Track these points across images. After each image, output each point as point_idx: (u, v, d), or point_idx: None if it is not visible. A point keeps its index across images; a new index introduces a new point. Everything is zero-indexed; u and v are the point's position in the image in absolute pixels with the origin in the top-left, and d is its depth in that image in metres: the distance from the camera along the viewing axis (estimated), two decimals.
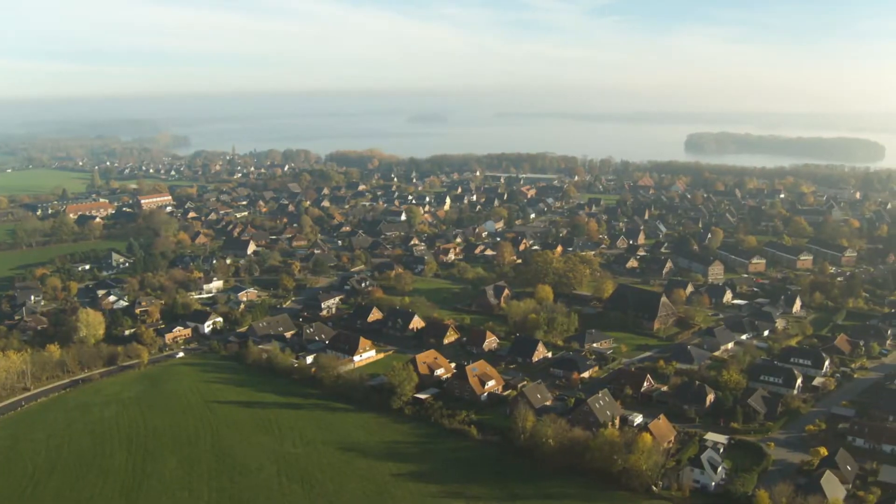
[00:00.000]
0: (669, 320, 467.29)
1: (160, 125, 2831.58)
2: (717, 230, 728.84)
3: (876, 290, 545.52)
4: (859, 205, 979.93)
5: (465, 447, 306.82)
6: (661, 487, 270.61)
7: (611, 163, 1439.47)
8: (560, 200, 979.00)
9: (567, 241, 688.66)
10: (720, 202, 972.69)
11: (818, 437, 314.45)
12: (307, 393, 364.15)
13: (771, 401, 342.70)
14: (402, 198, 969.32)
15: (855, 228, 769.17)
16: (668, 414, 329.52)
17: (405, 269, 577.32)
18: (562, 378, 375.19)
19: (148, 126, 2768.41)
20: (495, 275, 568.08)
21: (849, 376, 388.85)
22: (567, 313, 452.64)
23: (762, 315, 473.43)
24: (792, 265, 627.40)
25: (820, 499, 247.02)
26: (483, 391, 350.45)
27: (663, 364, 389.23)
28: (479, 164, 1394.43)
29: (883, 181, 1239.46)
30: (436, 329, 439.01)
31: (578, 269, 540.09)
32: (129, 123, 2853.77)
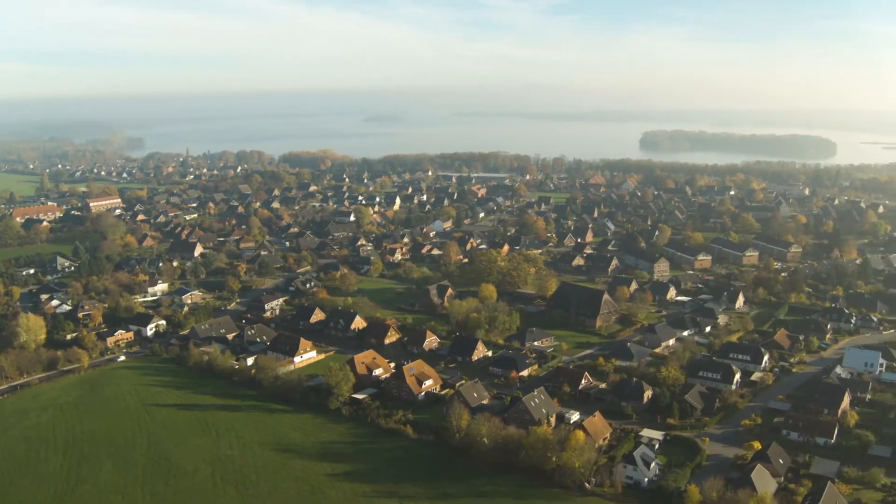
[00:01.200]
0: (612, 318, 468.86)
1: (115, 127, 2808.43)
2: (664, 227, 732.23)
3: (819, 285, 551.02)
4: (808, 201, 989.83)
5: (400, 447, 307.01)
6: (594, 484, 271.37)
7: (563, 161, 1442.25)
8: (510, 199, 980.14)
9: (514, 239, 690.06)
10: (670, 199, 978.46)
11: (753, 431, 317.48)
12: (246, 395, 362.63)
13: (708, 396, 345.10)
14: (353, 198, 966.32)
15: (802, 224, 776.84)
16: (607, 411, 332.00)
17: (351, 269, 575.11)
18: (501, 377, 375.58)
19: (103, 128, 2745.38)
20: (441, 274, 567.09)
21: (787, 371, 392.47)
22: (509, 312, 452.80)
23: (704, 311, 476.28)
24: (738, 261, 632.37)
25: (750, 492, 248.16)
26: (420, 391, 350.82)
27: (603, 361, 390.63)
28: (432, 163, 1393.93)
29: (832, 177, 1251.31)
30: (377, 329, 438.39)
31: (522, 267, 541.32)
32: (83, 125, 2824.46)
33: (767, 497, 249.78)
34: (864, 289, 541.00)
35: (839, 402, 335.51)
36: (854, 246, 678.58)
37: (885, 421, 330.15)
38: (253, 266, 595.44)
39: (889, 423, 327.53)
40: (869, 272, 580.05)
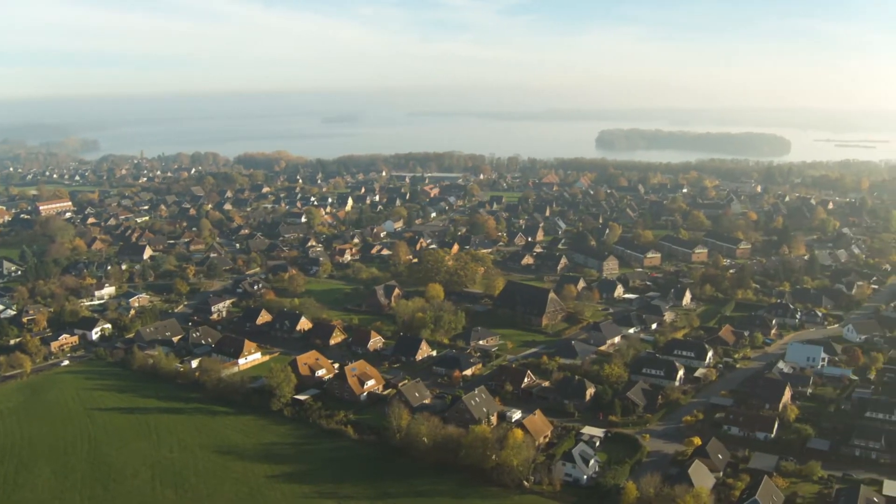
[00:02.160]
0: (558, 316, 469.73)
1: (70, 129, 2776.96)
2: (614, 226, 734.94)
3: (767, 281, 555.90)
4: (759, 198, 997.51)
5: (341, 447, 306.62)
6: (532, 482, 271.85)
7: (518, 161, 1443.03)
8: (462, 199, 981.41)
9: (464, 239, 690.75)
10: (623, 198, 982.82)
11: (695, 427, 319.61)
12: (190, 397, 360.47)
13: (651, 393, 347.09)
14: (305, 199, 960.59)
15: (752, 221, 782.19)
16: (549, 409, 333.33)
17: (300, 270, 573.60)
18: (444, 376, 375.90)
19: (57, 130, 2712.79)
20: (390, 275, 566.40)
21: (731, 366, 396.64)
22: (455, 311, 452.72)
23: (651, 309, 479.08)
24: (687, 258, 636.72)
25: (687, 488, 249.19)
26: (362, 391, 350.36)
27: (547, 360, 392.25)
28: (386, 164, 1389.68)
29: (784, 174, 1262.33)
30: (322, 330, 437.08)
31: (470, 267, 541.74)
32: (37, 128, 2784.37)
33: (704, 492, 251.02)
34: (811, 284, 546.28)
35: (780, 396, 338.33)
36: (802, 242, 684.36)
37: (824, 414, 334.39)
38: (202, 268, 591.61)
39: (829, 416, 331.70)
40: (816, 268, 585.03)
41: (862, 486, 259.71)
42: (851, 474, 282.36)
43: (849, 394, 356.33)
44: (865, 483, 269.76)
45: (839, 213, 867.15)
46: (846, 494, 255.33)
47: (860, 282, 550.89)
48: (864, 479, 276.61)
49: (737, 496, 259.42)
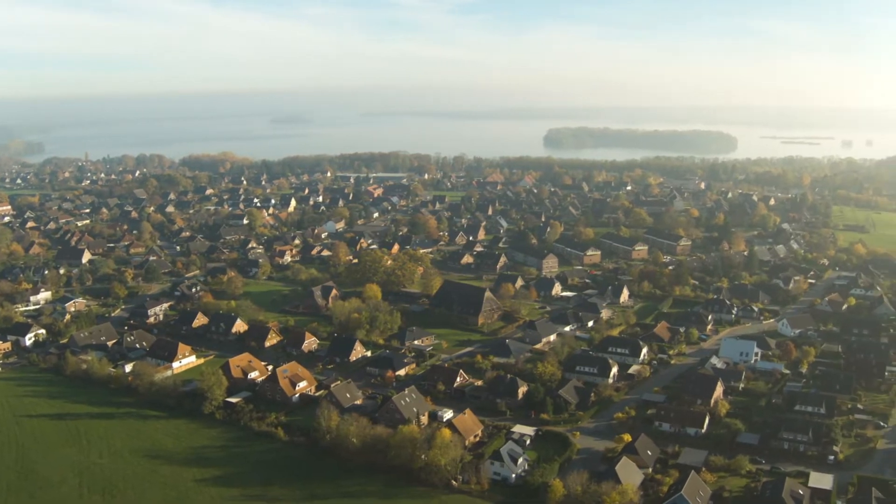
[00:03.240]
0: (494, 315, 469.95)
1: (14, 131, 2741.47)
2: (556, 224, 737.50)
3: (705, 278, 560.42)
4: (702, 195, 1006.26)
5: (271, 449, 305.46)
6: (460, 482, 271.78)
7: (464, 160, 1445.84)
8: (405, 199, 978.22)
9: (405, 239, 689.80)
10: (566, 196, 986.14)
11: (626, 424, 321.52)
12: (122, 402, 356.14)
13: (584, 391, 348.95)
14: (249, 201, 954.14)
15: (694, 218, 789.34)
16: (482, 408, 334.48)
17: (239, 272, 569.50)
18: (377, 376, 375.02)
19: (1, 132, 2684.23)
20: (329, 275, 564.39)
21: (666, 363, 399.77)
22: (390, 311, 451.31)
23: (588, 306, 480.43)
24: (627, 256, 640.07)
25: (613, 485, 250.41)
26: (294, 392, 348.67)
27: (481, 359, 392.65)
28: (332, 164, 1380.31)
29: (728, 171, 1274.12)
30: (257, 332, 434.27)
31: (408, 267, 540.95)
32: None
33: (631, 489, 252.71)
34: (749, 280, 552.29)
35: (711, 392, 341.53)
36: (742, 238, 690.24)
37: (755, 409, 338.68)
38: (140, 271, 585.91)
39: (759, 410, 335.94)
40: (754, 263, 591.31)
41: (787, 478, 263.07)
42: (779, 467, 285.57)
43: (780, 388, 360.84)
44: (792, 475, 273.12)
45: (780, 209, 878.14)
46: (772, 487, 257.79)
47: (797, 277, 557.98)
48: (791, 471, 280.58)
49: (664, 492, 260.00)
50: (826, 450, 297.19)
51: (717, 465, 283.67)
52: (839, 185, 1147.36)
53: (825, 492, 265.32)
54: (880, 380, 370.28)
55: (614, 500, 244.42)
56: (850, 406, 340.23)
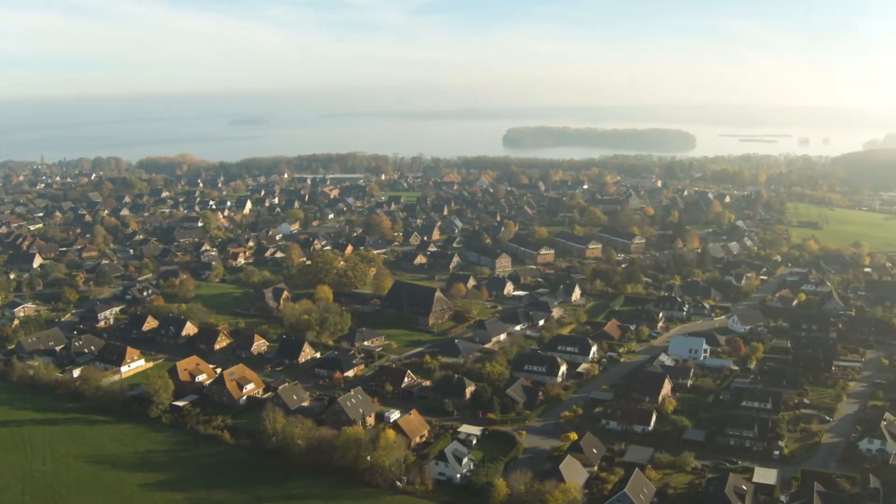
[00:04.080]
0: (445, 315, 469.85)
1: None
2: (510, 223, 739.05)
3: (658, 275, 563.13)
4: (658, 193, 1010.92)
5: (217, 452, 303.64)
6: (405, 482, 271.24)
7: (422, 160, 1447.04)
8: (361, 200, 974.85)
9: (359, 240, 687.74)
10: (522, 195, 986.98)
11: (573, 422, 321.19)
12: (68, 407, 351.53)
13: (532, 390, 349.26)
14: (204, 203, 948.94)
15: (648, 216, 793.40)
16: (430, 408, 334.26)
17: (192, 275, 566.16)
18: (326, 378, 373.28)
19: None
20: (282, 277, 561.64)
21: (615, 361, 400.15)
22: (341, 312, 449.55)
23: (539, 305, 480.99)
24: (581, 254, 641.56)
25: (556, 483, 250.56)
26: (241, 395, 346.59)
27: (430, 359, 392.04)
28: (290, 165, 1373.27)
29: (685, 169, 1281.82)
30: (207, 335, 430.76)
31: (360, 267, 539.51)
32: None
33: (574, 487, 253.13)
34: (702, 277, 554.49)
35: (659, 389, 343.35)
36: (696, 235, 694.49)
37: (702, 406, 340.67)
38: (92, 276, 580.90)
39: (706, 407, 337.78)
40: (707, 260, 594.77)
41: (731, 474, 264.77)
42: (725, 463, 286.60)
43: (728, 384, 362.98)
44: (738, 471, 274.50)
45: (736, 207, 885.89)
46: (715, 484, 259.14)
47: (750, 273, 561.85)
48: (737, 467, 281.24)
49: (609, 490, 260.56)
50: (771, 445, 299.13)
51: (663, 463, 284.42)
52: (794, 182, 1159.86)
53: (769, 487, 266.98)
54: (827, 374, 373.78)
55: (557, 498, 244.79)
56: (796, 401, 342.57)
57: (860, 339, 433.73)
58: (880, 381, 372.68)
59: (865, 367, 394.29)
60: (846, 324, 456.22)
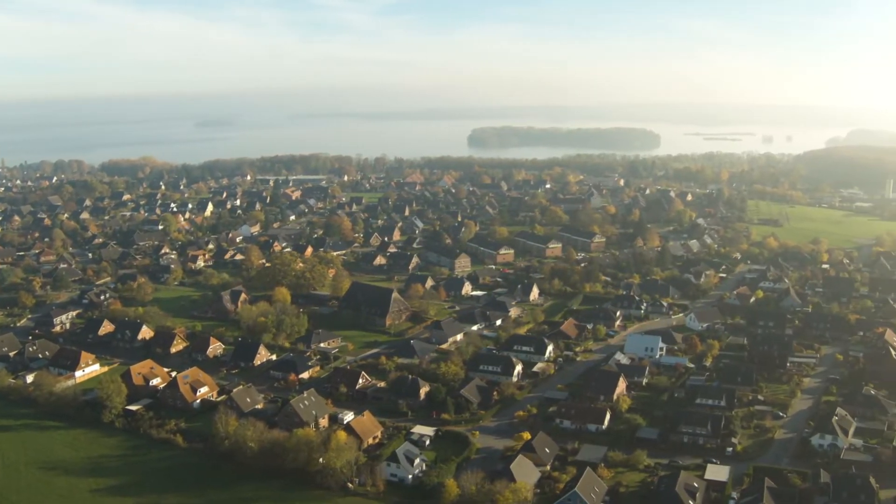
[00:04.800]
0: (402, 316, 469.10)
1: None
2: (470, 223, 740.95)
3: (618, 274, 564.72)
4: (620, 191, 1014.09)
5: (170, 456, 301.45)
6: (357, 484, 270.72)
7: (385, 161, 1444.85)
8: (323, 201, 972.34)
9: (319, 241, 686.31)
10: (484, 195, 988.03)
11: (527, 422, 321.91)
12: (20, 413, 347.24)
13: (486, 390, 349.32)
14: (165, 206, 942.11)
15: (609, 215, 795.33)
16: (384, 409, 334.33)
17: (151, 278, 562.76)
18: (281, 380, 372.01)
19: None
20: (242, 279, 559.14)
21: (572, 360, 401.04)
22: (297, 314, 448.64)
23: (497, 305, 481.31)
24: (541, 254, 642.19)
25: (507, 483, 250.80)
26: (195, 398, 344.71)
27: (385, 360, 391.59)
28: (253, 167, 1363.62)
29: (648, 168, 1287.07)
30: (163, 338, 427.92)
31: (318, 269, 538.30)
32: None
33: (525, 487, 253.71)
34: (660, 275, 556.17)
35: (614, 388, 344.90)
36: (656, 234, 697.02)
37: (657, 404, 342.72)
38: (50, 280, 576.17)
39: (661, 405, 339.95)
40: (667, 259, 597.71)
41: (682, 472, 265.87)
42: (678, 461, 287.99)
43: (683, 382, 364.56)
44: (690, 468, 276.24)
45: (697, 205, 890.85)
46: (666, 482, 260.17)
47: (709, 271, 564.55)
48: (689, 464, 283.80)
49: (561, 489, 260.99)
50: (725, 442, 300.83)
51: (616, 461, 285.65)
52: (756, 180, 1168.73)
53: (721, 483, 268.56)
54: (782, 371, 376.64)
55: (507, 498, 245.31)
56: (750, 398, 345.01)
57: (816, 336, 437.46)
58: (834, 377, 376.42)
59: (820, 363, 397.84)
60: (802, 320, 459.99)
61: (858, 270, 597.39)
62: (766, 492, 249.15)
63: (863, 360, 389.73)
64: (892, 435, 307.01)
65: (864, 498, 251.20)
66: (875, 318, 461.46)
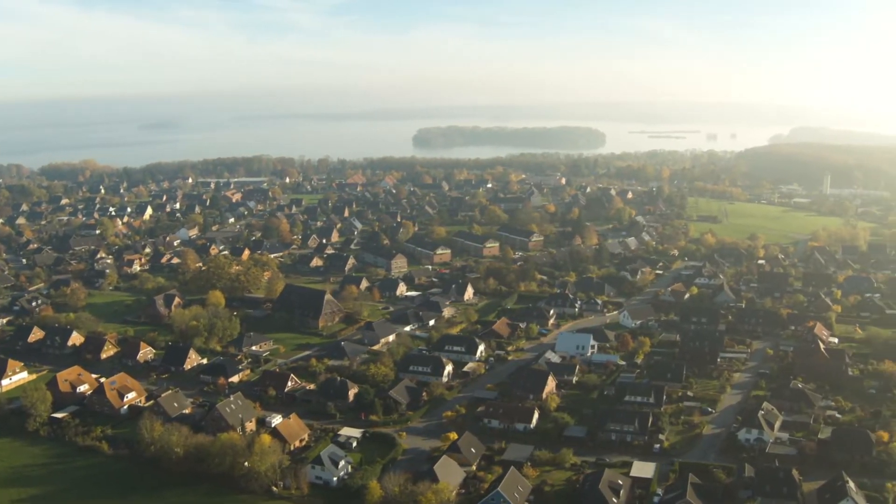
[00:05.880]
0: (335, 317, 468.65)
1: None
2: (408, 224, 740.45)
3: (554, 272, 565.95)
4: (561, 190, 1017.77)
5: (95, 464, 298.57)
6: (282, 487, 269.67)
7: (328, 162, 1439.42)
8: (263, 203, 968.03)
9: (257, 243, 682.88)
10: (425, 195, 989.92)
11: (456, 422, 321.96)
12: None
13: (416, 390, 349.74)
14: (104, 210, 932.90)
15: (549, 213, 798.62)
16: (313, 412, 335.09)
17: (85, 283, 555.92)
18: (210, 384, 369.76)
19: None
20: (178, 283, 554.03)
21: (503, 359, 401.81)
22: (230, 317, 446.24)
23: (431, 305, 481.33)
24: (479, 253, 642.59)
25: (429, 484, 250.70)
26: (122, 404, 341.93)
27: (315, 362, 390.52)
28: (195, 170, 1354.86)
29: (590, 166, 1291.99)
30: (93, 344, 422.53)
31: (253, 272, 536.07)
32: None
33: (448, 488, 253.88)
34: (597, 273, 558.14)
35: (543, 387, 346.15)
36: (595, 232, 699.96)
37: (586, 402, 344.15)
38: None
39: (590, 403, 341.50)
40: (604, 257, 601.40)
41: (606, 469, 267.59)
42: (605, 458, 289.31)
43: (614, 379, 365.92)
44: (616, 466, 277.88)
45: (638, 203, 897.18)
46: (591, 480, 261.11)
47: (645, 268, 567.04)
48: (616, 462, 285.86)
49: (485, 488, 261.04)
50: (652, 439, 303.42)
51: (543, 460, 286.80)
52: (697, 177, 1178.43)
53: (646, 480, 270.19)
54: (713, 366, 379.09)
55: (430, 499, 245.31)
56: (680, 394, 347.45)
57: (748, 331, 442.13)
58: (764, 371, 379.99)
59: (751, 358, 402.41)
60: (735, 316, 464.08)
61: (793, 265, 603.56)
62: (690, 487, 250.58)
63: (792, 354, 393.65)
64: (818, 428, 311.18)
65: (786, 491, 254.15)
66: (807, 313, 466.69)
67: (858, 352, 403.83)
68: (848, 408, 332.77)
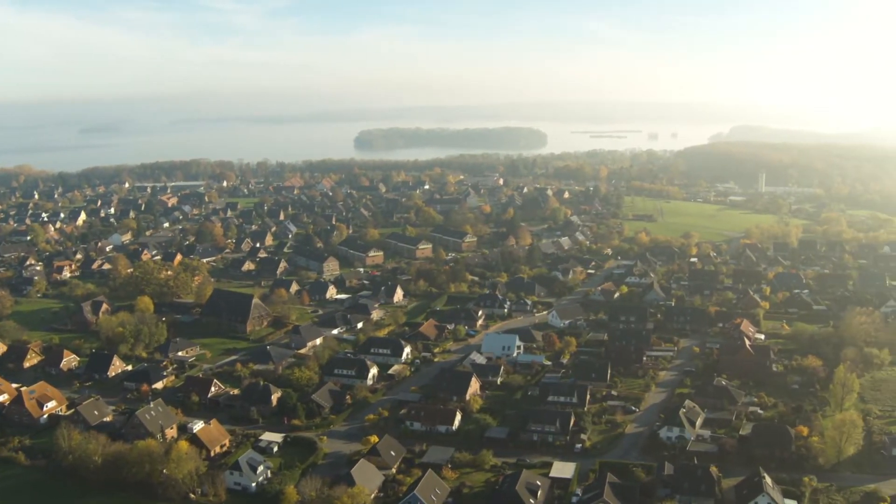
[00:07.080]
0: (263, 321, 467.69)
1: None
2: (341, 226, 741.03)
3: (486, 273, 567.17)
4: (499, 191, 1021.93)
5: (11, 476, 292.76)
6: (199, 494, 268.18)
7: (267, 165, 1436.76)
8: (198, 207, 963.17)
9: (190, 248, 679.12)
10: (362, 197, 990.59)
11: (378, 425, 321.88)
12: None
13: (339, 394, 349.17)
14: (36, 215, 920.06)
15: (484, 214, 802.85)
16: (236, 417, 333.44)
17: (12, 291, 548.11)
18: (134, 391, 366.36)
19: None
20: (108, 289, 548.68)
21: (429, 361, 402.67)
22: (156, 323, 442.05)
23: (359, 308, 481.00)
24: (412, 255, 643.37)
25: (345, 488, 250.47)
26: (42, 413, 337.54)
27: (240, 367, 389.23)
28: (132, 174, 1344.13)
29: (529, 166, 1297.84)
30: (16, 353, 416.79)
31: (182, 277, 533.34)
32: None
33: (363, 491, 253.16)
34: (528, 273, 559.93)
35: (466, 388, 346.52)
36: (528, 232, 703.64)
37: (510, 403, 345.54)
38: None
39: (514, 404, 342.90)
40: (536, 257, 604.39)
41: (524, 470, 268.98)
42: (525, 459, 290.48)
43: (539, 380, 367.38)
44: (537, 467, 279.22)
45: (574, 202, 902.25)
46: (509, 481, 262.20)
47: (577, 268, 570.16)
48: (537, 462, 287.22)
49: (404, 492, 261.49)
50: (574, 438, 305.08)
51: (463, 462, 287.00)
52: (635, 176, 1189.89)
53: (565, 481, 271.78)
54: (638, 365, 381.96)
55: (345, 503, 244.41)
56: (605, 393, 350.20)
57: (676, 329, 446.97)
58: (690, 369, 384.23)
59: (678, 356, 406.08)
60: (664, 314, 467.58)
61: (725, 263, 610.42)
62: (608, 487, 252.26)
63: (717, 351, 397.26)
64: (740, 424, 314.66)
65: (704, 488, 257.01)
66: (735, 310, 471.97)
67: (784, 348, 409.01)
68: (771, 404, 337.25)
